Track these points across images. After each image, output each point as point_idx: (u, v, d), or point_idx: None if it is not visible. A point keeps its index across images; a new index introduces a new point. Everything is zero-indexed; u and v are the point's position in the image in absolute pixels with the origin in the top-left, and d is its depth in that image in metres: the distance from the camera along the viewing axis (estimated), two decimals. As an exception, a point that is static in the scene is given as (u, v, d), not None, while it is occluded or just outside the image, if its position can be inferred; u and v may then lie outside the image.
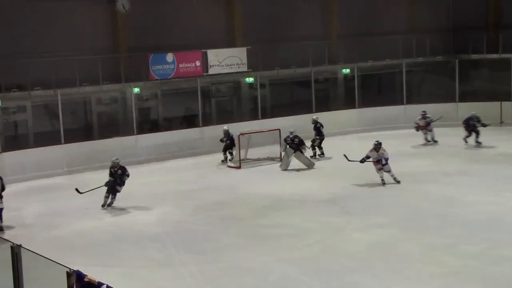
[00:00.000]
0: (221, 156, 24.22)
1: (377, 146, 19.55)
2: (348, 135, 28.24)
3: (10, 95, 24.17)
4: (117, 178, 18.34)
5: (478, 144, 24.92)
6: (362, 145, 22.31)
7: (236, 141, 23.56)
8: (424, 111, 25.92)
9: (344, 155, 19.60)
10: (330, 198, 18.42)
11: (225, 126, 24.22)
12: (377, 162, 19.50)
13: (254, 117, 28.06)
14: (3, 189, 17.15)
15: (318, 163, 23.23)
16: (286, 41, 30.34)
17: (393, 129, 28.48)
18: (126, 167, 18.77)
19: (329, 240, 15.01)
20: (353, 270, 12.88)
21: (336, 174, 21.23)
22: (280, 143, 23.45)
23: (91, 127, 27.11)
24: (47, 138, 24.10)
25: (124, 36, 27.65)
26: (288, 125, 23.96)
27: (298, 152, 22.61)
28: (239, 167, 23.19)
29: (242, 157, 23.61)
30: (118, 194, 18.48)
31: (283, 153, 22.95)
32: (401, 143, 25.61)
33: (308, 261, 13.53)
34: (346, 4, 33.10)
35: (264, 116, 28.08)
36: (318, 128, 24.31)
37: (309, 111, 28.08)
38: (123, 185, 18.43)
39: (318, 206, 17.80)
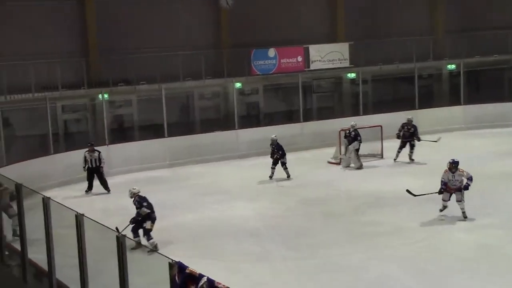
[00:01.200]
0: (320, 153, 24.03)
1: (453, 165, 15.69)
2: (452, 132, 27.43)
3: (117, 89, 24.92)
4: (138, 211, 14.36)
5: None
6: (467, 143, 21.72)
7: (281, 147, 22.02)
8: None
9: (407, 191, 16.74)
10: (433, 197, 17.93)
11: (273, 135, 21.71)
12: (452, 188, 15.79)
13: (355, 113, 27.77)
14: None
15: (420, 160, 22.70)
16: (389, 36, 29.88)
17: (501, 127, 27.50)
18: (231, 161, 18.04)
19: (431, 239, 14.65)
20: (456, 272, 12.50)
21: (440, 172, 20.66)
22: (381, 139, 23.18)
23: (193, 121, 27.60)
24: (151, 132, 24.74)
25: (227, 31, 28.01)
26: (390, 122, 23.59)
27: (350, 147, 22.35)
28: (339, 163, 23.02)
29: (342, 153, 23.42)
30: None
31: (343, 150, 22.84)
32: (509, 142, 24.71)
33: (408, 261, 13.26)
34: (453, -3, 32.29)
35: (366, 112, 27.74)
36: (415, 128, 22.53)
37: (411, 107, 27.56)
38: (148, 219, 14.22)
39: (420, 204, 17.34)
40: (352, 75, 29.24)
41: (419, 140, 22.32)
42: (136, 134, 25.82)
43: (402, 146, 22.68)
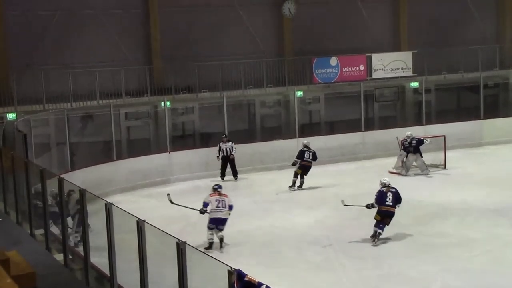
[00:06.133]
0: (382, 162, 23.75)
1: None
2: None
3: (179, 96, 25.15)
4: None
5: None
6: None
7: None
8: None
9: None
10: (498, 208, 17.52)
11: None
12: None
13: (418, 122, 27.37)
14: None
15: (485, 170, 22.19)
16: (454, 44, 29.38)
17: None
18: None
19: (496, 252, 14.28)
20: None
21: (504, 183, 20.19)
22: (444, 149, 22.76)
23: (254, 129, 27.62)
24: (213, 139, 24.85)
25: (290, 39, 28.00)
26: (453, 132, 23.17)
27: (417, 155, 22.36)
28: (400, 174, 22.66)
29: (398, 165, 23.06)
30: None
31: (404, 159, 22.66)
32: None
33: (472, 273, 12.96)
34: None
35: (429, 121, 27.31)
36: (302, 153, 21.24)
37: (476, 117, 27.04)
38: None
39: (484, 215, 17.00)
40: (415, 84, 28.84)
41: None
42: (198, 141, 25.96)
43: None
